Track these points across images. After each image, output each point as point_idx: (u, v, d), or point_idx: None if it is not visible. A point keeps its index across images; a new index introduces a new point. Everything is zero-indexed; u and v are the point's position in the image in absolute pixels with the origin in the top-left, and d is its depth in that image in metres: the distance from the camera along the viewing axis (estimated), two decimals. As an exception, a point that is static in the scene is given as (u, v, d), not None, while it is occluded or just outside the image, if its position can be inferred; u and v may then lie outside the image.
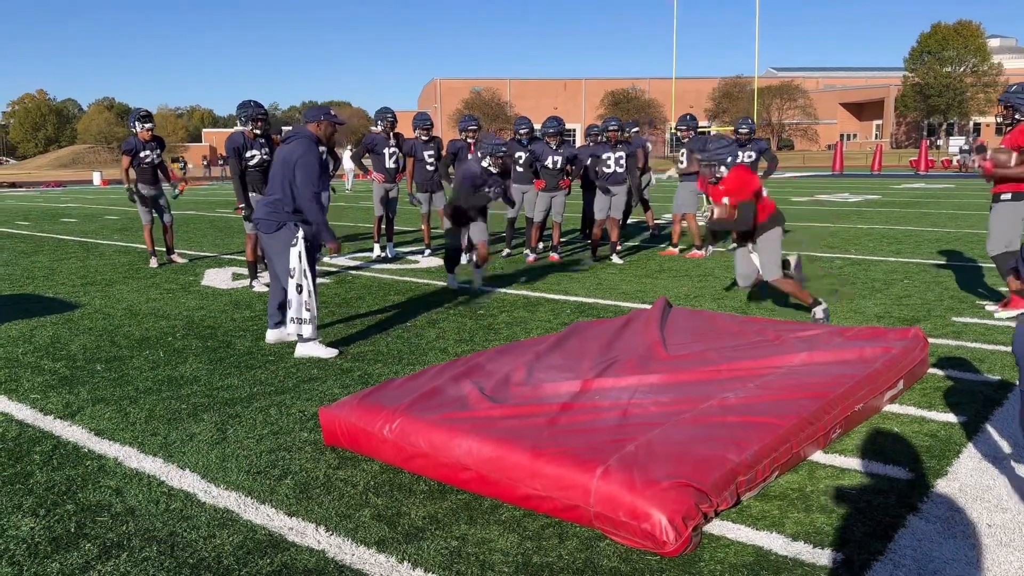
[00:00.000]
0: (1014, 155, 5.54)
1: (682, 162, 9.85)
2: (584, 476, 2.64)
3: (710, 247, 10.01)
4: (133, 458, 3.41)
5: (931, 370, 4.47)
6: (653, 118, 73.09)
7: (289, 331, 5.14)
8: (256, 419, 3.90)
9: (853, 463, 3.26)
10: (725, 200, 5.76)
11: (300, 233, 5.03)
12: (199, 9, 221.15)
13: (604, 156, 9.35)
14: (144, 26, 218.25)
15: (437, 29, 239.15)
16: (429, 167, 9.46)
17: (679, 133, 9.85)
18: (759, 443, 2.93)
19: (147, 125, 9.02)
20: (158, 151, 9.17)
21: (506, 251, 9.92)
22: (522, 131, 9.68)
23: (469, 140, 9.43)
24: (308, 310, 5.04)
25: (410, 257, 10.06)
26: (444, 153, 9.57)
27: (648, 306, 6.31)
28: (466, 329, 5.81)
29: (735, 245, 6.12)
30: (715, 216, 5.74)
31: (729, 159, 5.76)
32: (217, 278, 8.34)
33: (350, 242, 11.69)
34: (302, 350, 5.10)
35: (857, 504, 2.91)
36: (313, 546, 2.64)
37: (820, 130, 73.24)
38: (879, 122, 73.60)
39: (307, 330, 5.06)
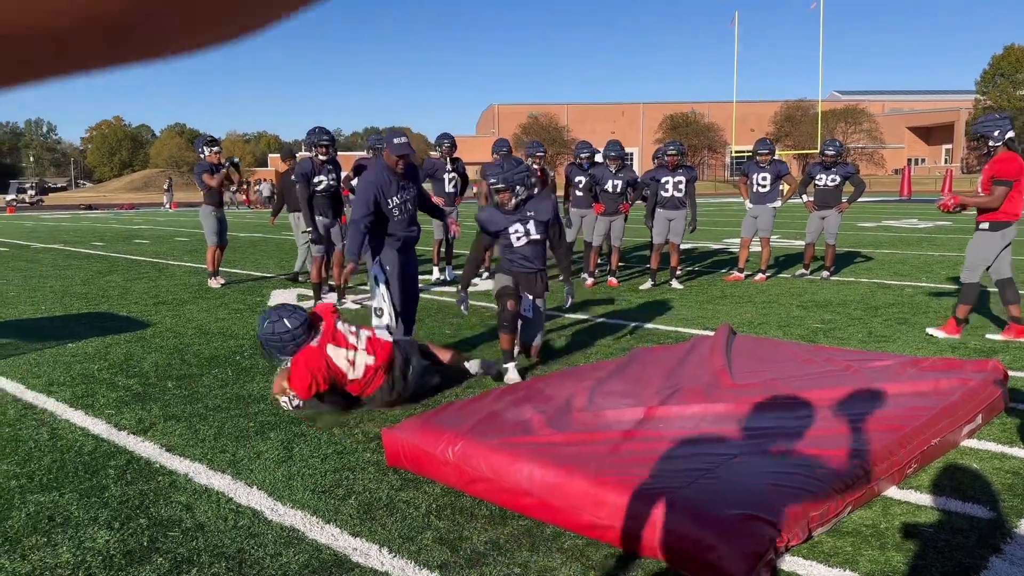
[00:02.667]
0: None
1: (764, 186, 9.67)
2: (649, 506, 2.60)
3: (801, 271, 9.88)
4: (203, 474, 3.49)
5: (1012, 404, 4.28)
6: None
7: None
8: (321, 439, 3.96)
9: (930, 500, 3.13)
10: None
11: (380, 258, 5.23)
12: (265, 38, 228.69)
13: (663, 180, 9.31)
14: (214, 54, 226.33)
15: (495, 55, 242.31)
16: None
17: (758, 157, 9.71)
18: (832, 476, 2.84)
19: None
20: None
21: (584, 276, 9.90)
22: (583, 155, 9.70)
23: (535, 166, 9.48)
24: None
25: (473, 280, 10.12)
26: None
27: (711, 332, 6.21)
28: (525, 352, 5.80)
29: (826, 274, 6.12)
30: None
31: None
32: (283, 299, 8.52)
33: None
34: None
35: (935, 543, 2.79)
36: (377, 567, 2.66)
37: (887, 155, 71.47)
38: (948, 146, 71.49)
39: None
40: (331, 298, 7.98)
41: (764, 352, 4.79)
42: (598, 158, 9.96)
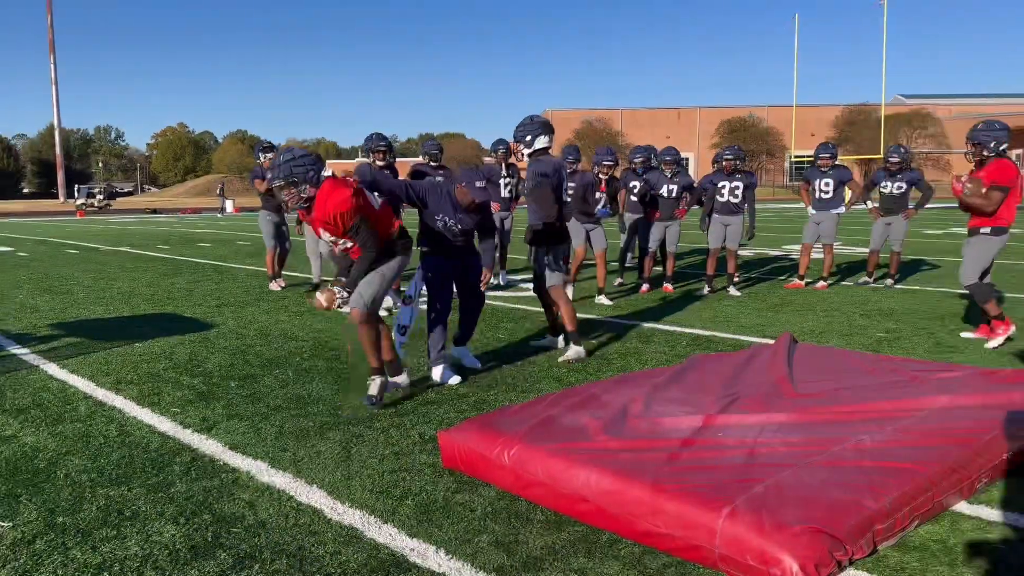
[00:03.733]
0: (983, 187, 5.91)
1: (827, 192, 9.48)
2: (709, 516, 2.56)
3: (865, 279, 9.67)
4: (264, 473, 3.56)
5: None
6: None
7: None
8: (378, 439, 4.01)
9: (1001, 516, 3.02)
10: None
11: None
12: (324, 44, 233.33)
13: (720, 185, 9.19)
14: (275, 62, 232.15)
15: (549, 61, 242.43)
16: (568, 199, 9.52)
17: (819, 162, 9.52)
18: (898, 490, 2.76)
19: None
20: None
21: (618, 280, 9.84)
22: (636, 159, 9.64)
23: (601, 176, 9.36)
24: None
25: (522, 285, 10.14)
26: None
27: (770, 341, 6.10)
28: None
29: (890, 282, 6.04)
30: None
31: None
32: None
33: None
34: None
35: (1007, 560, 2.69)
36: (434, 568, 2.68)
37: (953, 160, 69.25)
38: (1020, 151, 68.90)
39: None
40: (388, 301, 8.07)
41: (827, 361, 4.68)
42: (652, 162, 9.89)
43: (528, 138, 5.70)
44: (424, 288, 5.36)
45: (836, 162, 9.52)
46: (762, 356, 4.68)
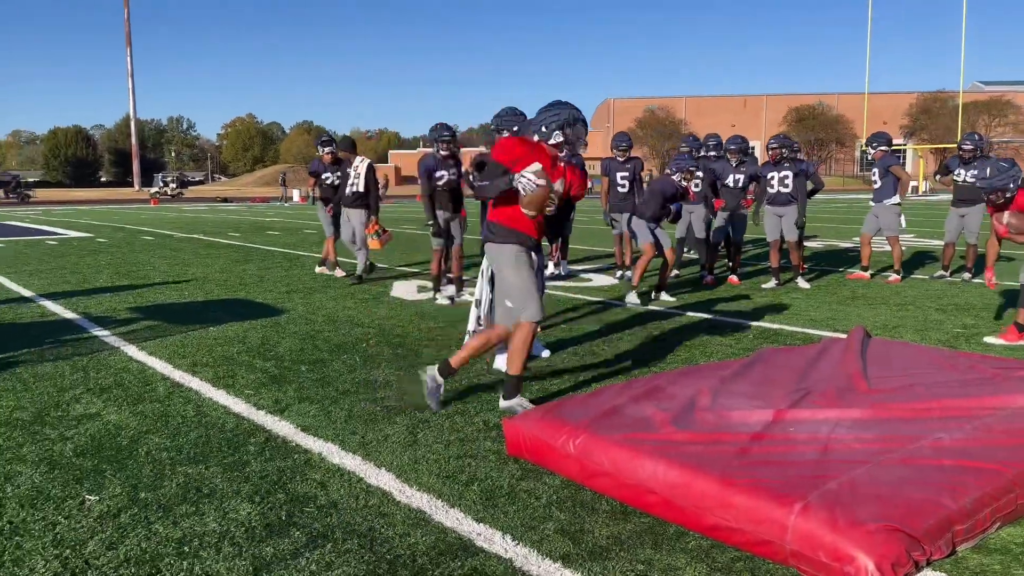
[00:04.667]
0: None
1: (876, 182, 9.24)
2: (781, 511, 2.52)
3: (940, 272, 9.38)
4: (335, 454, 3.65)
5: None
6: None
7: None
8: (443, 425, 4.06)
9: (1092, 522, 2.89)
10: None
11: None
12: (387, 37, 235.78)
13: (768, 175, 8.99)
14: (340, 54, 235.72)
15: (610, 49, 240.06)
16: (621, 188, 9.46)
17: (869, 151, 9.28)
18: (979, 490, 2.67)
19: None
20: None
21: (674, 272, 9.72)
22: (683, 148, 9.55)
23: (619, 158, 9.37)
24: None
25: (583, 275, 10.11)
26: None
27: (841, 335, 5.95)
28: (642, 350, 5.75)
29: (967, 276, 5.88)
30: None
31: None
32: (404, 290, 8.79)
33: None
34: (498, 363, 5.17)
35: (1098, 569, 2.57)
36: (501, 554, 2.70)
37: (1035, 148, 66.13)
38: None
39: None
40: (449, 290, 8.15)
41: (902, 357, 4.54)
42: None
43: (515, 128, 5.91)
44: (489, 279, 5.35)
45: (882, 149, 9.29)
46: (834, 350, 4.57)
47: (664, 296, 8.13)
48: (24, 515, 3.01)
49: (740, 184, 9.07)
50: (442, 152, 8.03)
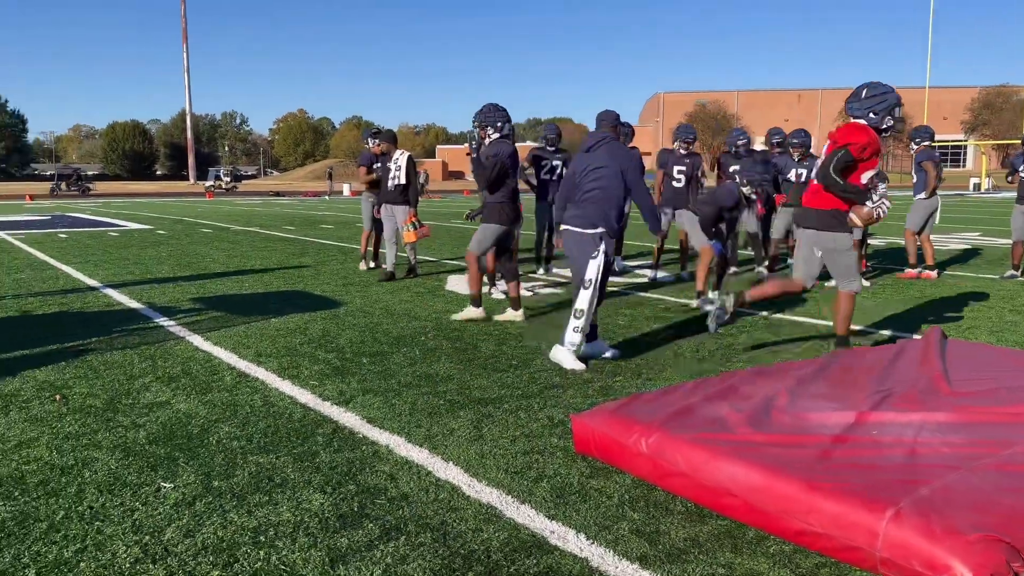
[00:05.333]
0: None
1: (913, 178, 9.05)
2: (871, 517, 2.42)
3: (1011, 272, 9.08)
4: (402, 447, 3.65)
5: None
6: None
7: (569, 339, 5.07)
8: (508, 420, 4.03)
9: None
10: None
11: (602, 246, 5.13)
12: (434, 37, 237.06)
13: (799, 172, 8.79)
14: (390, 49, 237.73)
15: (660, 43, 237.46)
16: (676, 183, 9.23)
17: (913, 146, 9.13)
18: (1082, 501, 2.53)
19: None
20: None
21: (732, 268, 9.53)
22: (739, 142, 9.37)
23: (681, 151, 9.15)
24: (577, 317, 5.07)
25: (638, 271, 10.00)
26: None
27: (911, 336, 5.77)
28: (704, 347, 5.64)
29: None
30: None
31: None
32: (459, 284, 8.80)
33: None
34: (557, 354, 5.13)
35: None
36: (576, 552, 2.66)
37: (1107, 144, 63.58)
38: None
39: (575, 337, 5.08)
40: (503, 285, 8.13)
41: (982, 359, 4.36)
42: (759, 145, 9.56)
43: (499, 124, 6.34)
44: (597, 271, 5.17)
45: (920, 144, 9.11)
46: (911, 352, 4.41)
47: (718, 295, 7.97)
48: (103, 500, 3.06)
49: (803, 179, 8.86)
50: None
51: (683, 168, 9.15)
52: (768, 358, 5.32)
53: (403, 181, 8.99)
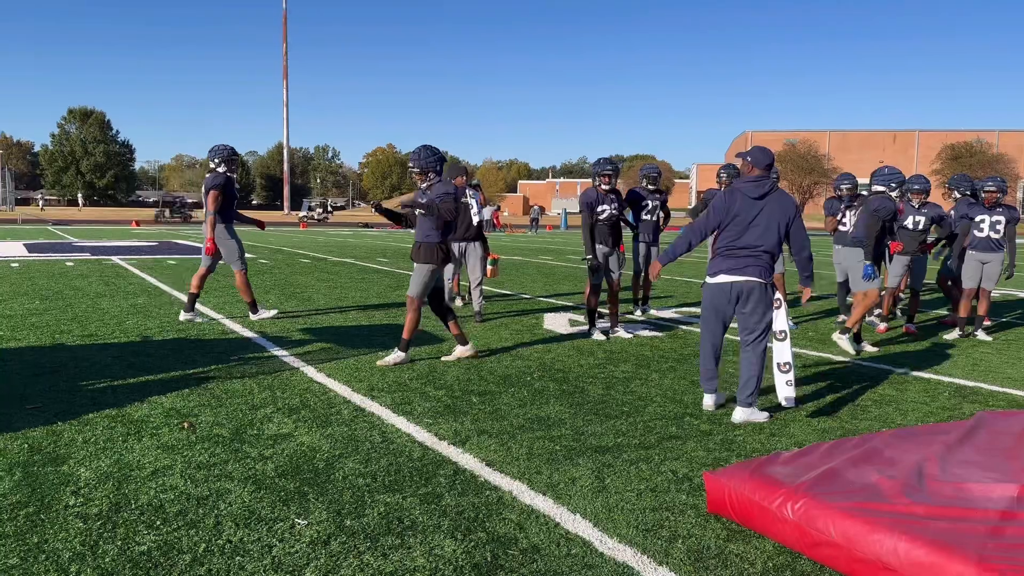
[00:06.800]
0: None
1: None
2: (1063, 607, 2.22)
3: None
4: (525, 494, 3.58)
5: None
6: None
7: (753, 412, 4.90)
8: (630, 472, 3.92)
9: None
10: None
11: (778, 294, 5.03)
12: (518, 71, 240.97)
13: (979, 219, 8.34)
14: (475, 86, 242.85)
15: (750, 80, 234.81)
16: None
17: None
18: None
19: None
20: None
21: (841, 317, 9.17)
22: (844, 187, 9.03)
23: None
24: (785, 371, 4.93)
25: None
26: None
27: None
28: (826, 403, 5.40)
29: None
30: None
31: None
32: (556, 323, 8.74)
33: (659, 299, 11.63)
34: (745, 415, 4.89)
35: None
36: (726, 624, 2.53)
37: None
38: None
39: (790, 392, 4.93)
40: (603, 325, 8.04)
41: None
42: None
43: (437, 168, 6.38)
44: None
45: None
46: (1064, 418, 4.10)
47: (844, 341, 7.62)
48: (241, 535, 3.10)
49: (920, 227, 8.49)
50: (604, 186, 7.96)
51: None
52: (899, 415, 5.05)
53: (477, 220, 9.06)
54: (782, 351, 4.93)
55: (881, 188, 7.41)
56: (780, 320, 4.96)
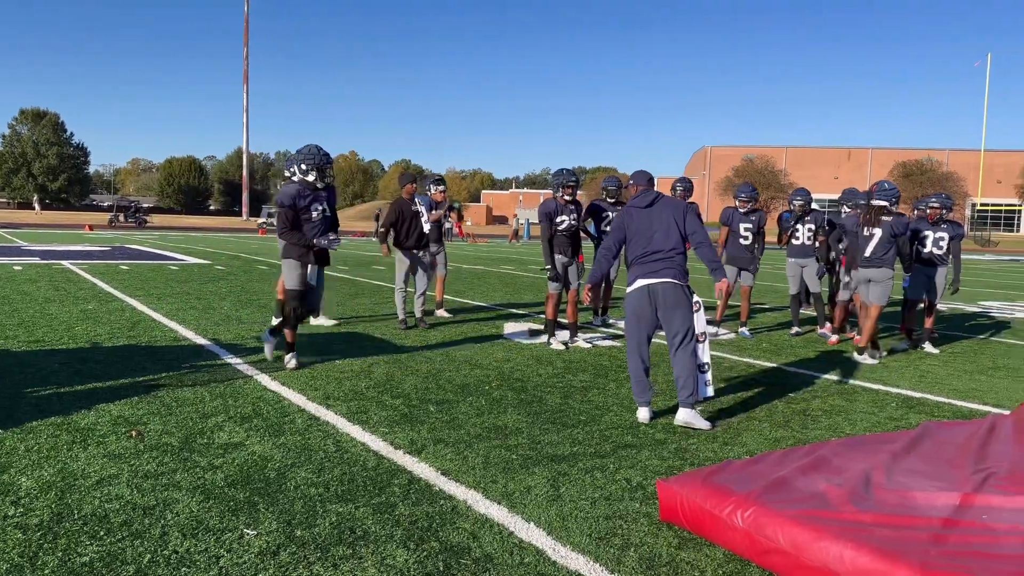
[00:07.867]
0: None
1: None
2: (1001, 612, 2.28)
3: None
4: (480, 503, 3.57)
5: None
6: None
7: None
8: (584, 480, 3.93)
9: None
10: None
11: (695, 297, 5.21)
12: (481, 82, 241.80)
13: (923, 234, 8.58)
14: (438, 95, 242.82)
15: (710, 96, 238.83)
16: (743, 240, 9.29)
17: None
18: None
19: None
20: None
21: (794, 329, 9.35)
22: (796, 202, 9.27)
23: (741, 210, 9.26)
24: (704, 372, 5.17)
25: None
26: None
27: (993, 409, 5.55)
28: (778, 412, 5.48)
29: None
30: None
31: None
32: (515, 332, 8.75)
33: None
34: (686, 417, 4.98)
35: None
36: (676, 631, 2.55)
37: None
38: None
39: (710, 391, 5.18)
40: (563, 335, 8.07)
41: (1083, 440, 4.15)
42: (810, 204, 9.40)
43: (292, 168, 6.58)
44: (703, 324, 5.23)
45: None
46: (1004, 428, 4.22)
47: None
48: (187, 545, 3.03)
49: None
50: (566, 197, 8.01)
51: (749, 225, 9.18)
52: (848, 425, 5.15)
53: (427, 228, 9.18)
54: (701, 353, 5.14)
55: (883, 203, 7.63)
56: (700, 322, 5.14)
